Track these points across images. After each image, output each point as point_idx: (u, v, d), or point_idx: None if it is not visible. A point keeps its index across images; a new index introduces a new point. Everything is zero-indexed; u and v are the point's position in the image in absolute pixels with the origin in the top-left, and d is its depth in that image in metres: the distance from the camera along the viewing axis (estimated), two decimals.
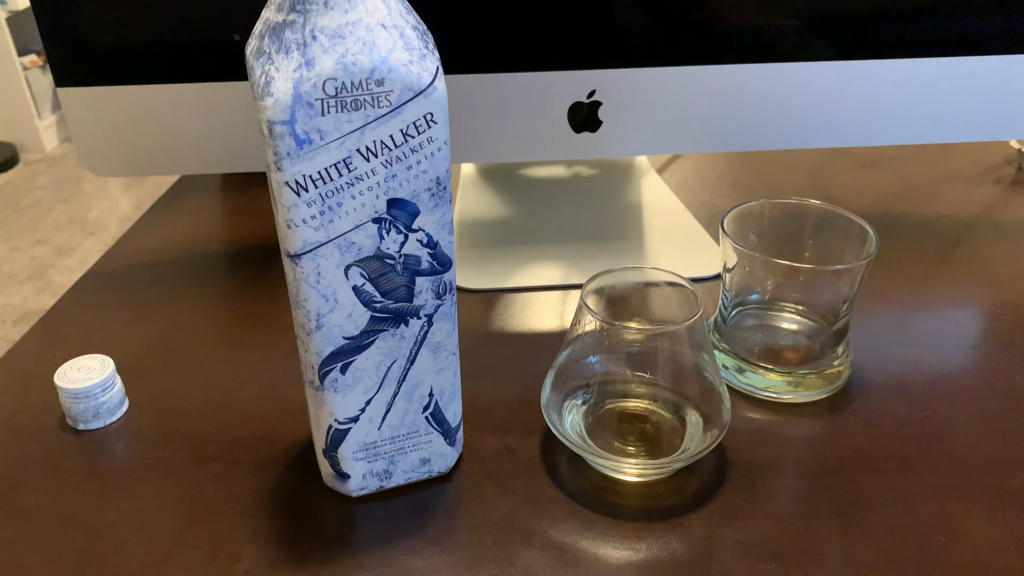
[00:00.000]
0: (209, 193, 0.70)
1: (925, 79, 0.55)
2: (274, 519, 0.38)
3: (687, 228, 0.61)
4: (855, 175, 0.71)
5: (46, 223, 2.39)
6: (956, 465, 0.41)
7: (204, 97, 0.52)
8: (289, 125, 0.29)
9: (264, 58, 0.29)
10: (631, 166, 0.71)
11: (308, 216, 0.31)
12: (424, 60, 0.30)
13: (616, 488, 0.39)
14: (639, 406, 0.41)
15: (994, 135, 0.58)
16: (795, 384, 0.44)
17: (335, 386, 0.35)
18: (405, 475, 0.39)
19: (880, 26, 0.53)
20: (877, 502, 0.39)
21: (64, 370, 0.43)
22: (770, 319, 0.46)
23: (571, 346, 0.40)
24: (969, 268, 0.57)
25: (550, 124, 0.55)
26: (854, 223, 0.44)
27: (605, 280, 0.41)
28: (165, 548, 0.37)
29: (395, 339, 0.35)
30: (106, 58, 0.50)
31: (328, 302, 0.33)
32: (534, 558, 0.36)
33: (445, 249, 0.34)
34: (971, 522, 0.37)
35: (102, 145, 0.53)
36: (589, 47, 0.52)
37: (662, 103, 0.54)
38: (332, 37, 0.28)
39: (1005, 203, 0.66)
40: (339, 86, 0.29)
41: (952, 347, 0.49)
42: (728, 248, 0.44)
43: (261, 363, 0.49)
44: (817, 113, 0.56)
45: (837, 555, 0.36)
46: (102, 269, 0.59)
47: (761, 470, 0.40)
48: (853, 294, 0.43)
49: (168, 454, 0.42)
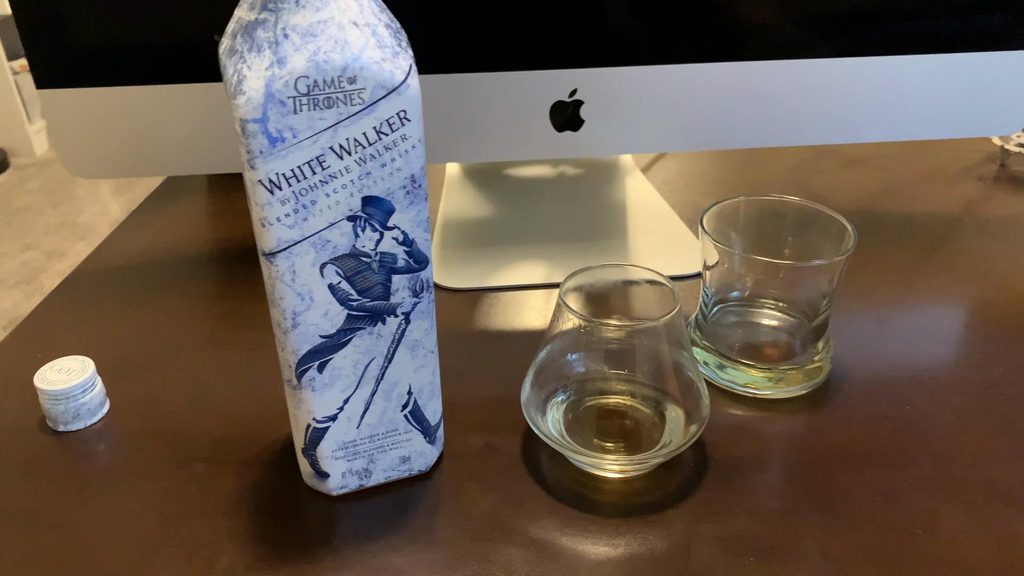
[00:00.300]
0: (195, 195, 0.70)
1: (907, 76, 0.55)
2: (254, 518, 0.38)
3: (671, 227, 0.62)
4: (839, 173, 0.72)
5: (36, 228, 2.38)
6: (935, 459, 0.41)
7: (185, 98, 0.52)
8: (261, 123, 0.29)
9: (236, 57, 0.29)
10: (616, 165, 0.71)
11: (282, 214, 0.31)
12: (397, 58, 0.30)
13: (597, 485, 0.39)
14: (619, 403, 0.41)
15: (976, 132, 0.58)
16: (776, 380, 0.45)
17: (312, 385, 0.35)
18: (385, 473, 0.39)
19: (862, 24, 0.53)
20: (856, 496, 0.39)
21: (44, 372, 0.43)
22: (751, 316, 0.46)
23: (550, 344, 0.40)
24: (951, 264, 0.57)
25: (532, 123, 0.55)
26: (833, 219, 0.44)
27: (584, 278, 0.41)
28: (145, 548, 0.37)
29: (372, 337, 0.35)
30: (87, 59, 0.50)
31: (304, 300, 0.33)
32: (513, 555, 0.36)
33: (421, 247, 0.34)
34: (949, 515, 0.38)
35: (84, 147, 0.53)
36: (571, 46, 0.52)
37: (644, 102, 0.54)
38: (304, 35, 0.29)
39: (987, 199, 0.67)
40: (311, 84, 0.29)
41: (933, 343, 0.49)
42: (708, 245, 0.44)
43: (244, 363, 0.49)
44: (800, 111, 0.56)
45: (815, 549, 0.36)
46: (86, 271, 0.59)
47: (741, 466, 0.41)
48: (832, 290, 0.43)
49: (149, 455, 0.42)
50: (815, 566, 0.35)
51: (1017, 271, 0.56)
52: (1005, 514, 0.38)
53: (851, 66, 0.54)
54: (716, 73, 0.54)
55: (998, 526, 0.37)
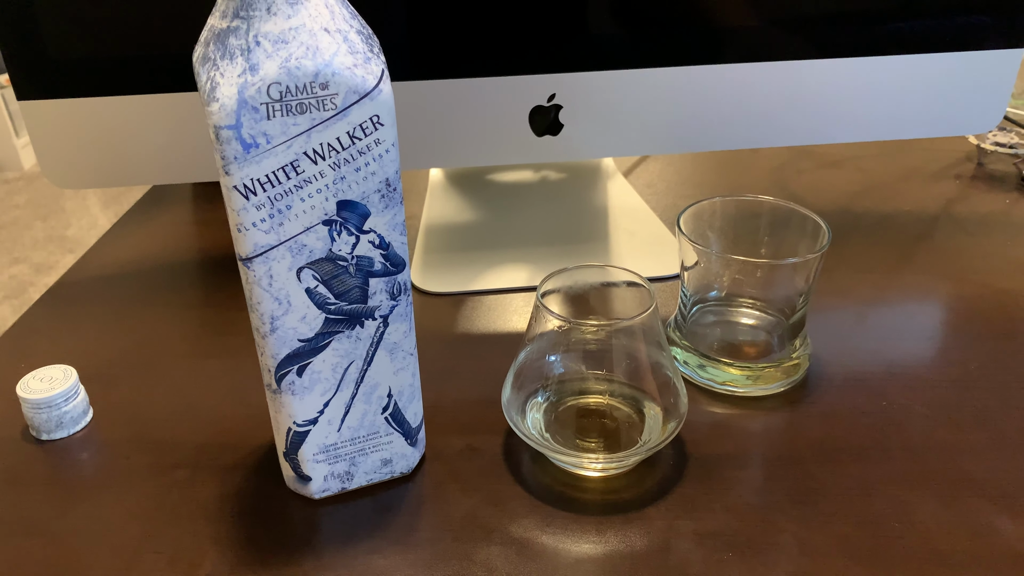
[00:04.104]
0: (179, 204, 0.70)
1: (884, 77, 0.56)
2: (237, 523, 0.38)
3: (652, 229, 0.62)
4: (818, 174, 0.72)
5: (24, 241, 2.37)
6: (911, 453, 0.41)
7: (166, 107, 0.52)
8: (235, 129, 0.29)
9: (209, 64, 0.30)
10: (598, 169, 0.72)
11: (258, 219, 0.31)
12: (369, 63, 0.31)
13: (578, 484, 0.40)
14: (598, 402, 0.41)
15: (953, 131, 0.59)
16: (754, 378, 0.45)
17: (292, 388, 0.35)
18: (367, 476, 0.39)
19: (839, 25, 0.54)
20: (833, 491, 0.39)
21: (26, 381, 0.43)
22: (729, 315, 0.47)
23: (529, 346, 0.40)
24: (929, 262, 0.58)
25: (512, 128, 0.55)
26: (807, 218, 0.45)
27: (562, 280, 0.41)
28: (127, 554, 0.37)
29: (351, 341, 0.35)
30: (67, 71, 0.50)
31: (281, 305, 0.33)
32: (494, 554, 0.36)
33: (398, 250, 0.34)
34: (924, 508, 0.38)
35: (66, 157, 0.53)
36: (549, 51, 0.53)
37: (622, 105, 0.55)
38: (275, 42, 0.29)
39: (964, 198, 0.67)
40: (283, 90, 0.29)
41: (909, 339, 0.50)
42: (685, 246, 0.44)
43: (227, 370, 0.49)
44: (779, 112, 0.57)
45: (793, 544, 0.36)
46: (70, 280, 0.59)
47: (720, 463, 0.41)
48: (808, 287, 0.43)
49: (132, 462, 0.42)
50: (792, 560, 0.36)
51: (993, 268, 0.57)
52: (980, 506, 0.38)
53: (829, 67, 0.55)
54: (694, 76, 0.55)
55: (973, 518, 0.38)
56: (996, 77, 0.57)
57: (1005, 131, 0.76)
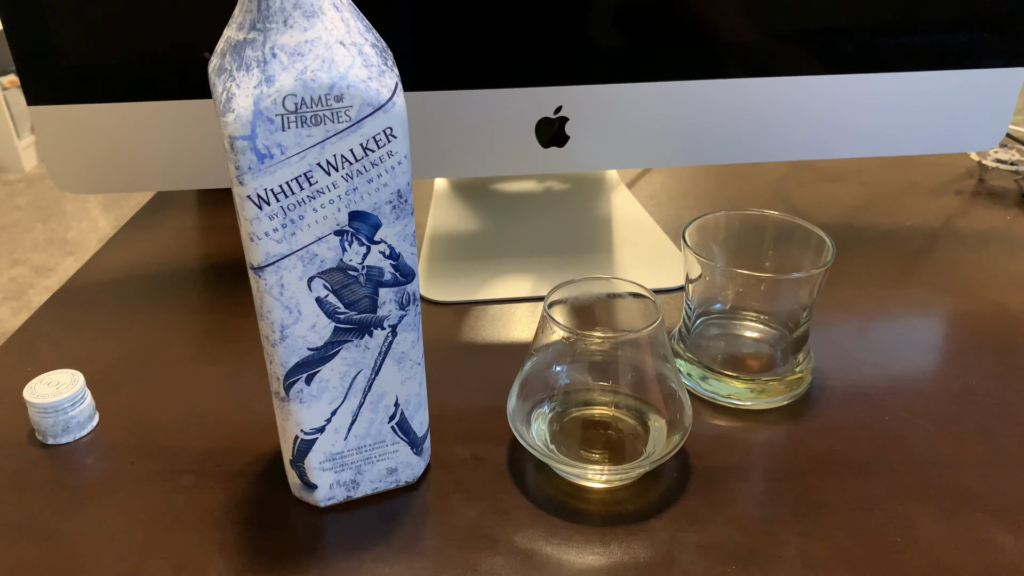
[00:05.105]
0: (184, 210, 0.70)
1: (887, 93, 0.57)
2: (242, 530, 0.38)
3: (655, 241, 0.62)
4: (820, 187, 0.73)
5: (25, 243, 2.37)
6: (912, 467, 0.42)
7: (175, 114, 0.52)
8: (250, 140, 0.29)
9: (225, 75, 0.30)
10: (602, 180, 0.72)
11: (270, 229, 0.31)
12: (383, 76, 0.31)
13: (582, 495, 0.40)
14: (603, 414, 0.41)
15: (955, 147, 0.60)
16: (758, 391, 0.45)
17: (300, 397, 0.35)
18: (372, 485, 0.40)
19: (843, 42, 0.54)
20: (835, 505, 0.39)
21: (33, 385, 0.43)
22: (732, 328, 0.47)
23: (535, 356, 0.40)
24: (930, 277, 0.58)
25: (518, 139, 0.56)
26: (812, 233, 0.45)
27: (568, 291, 0.42)
28: (132, 560, 0.37)
29: (359, 350, 0.35)
30: (77, 76, 0.51)
31: (292, 313, 0.33)
32: (498, 564, 0.36)
33: (408, 260, 0.35)
34: (926, 522, 0.38)
35: (74, 162, 0.53)
36: (556, 64, 0.53)
37: (628, 118, 0.55)
38: (291, 55, 0.29)
39: (965, 214, 0.68)
40: (299, 102, 0.29)
41: (911, 353, 0.50)
42: (690, 259, 0.45)
43: (232, 376, 0.49)
44: (782, 127, 0.57)
45: (795, 557, 0.37)
46: (75, 285, 0.59)
47: (723, 475, 0.41)
48: (812, 302, 0.44)
49: (138, 467, 0.42)
50: (795, 573, 0.36)
51: (994, 282, 0.58)
52: (981, 520, 0.38)
53: (832, 83, 0.56)
54: (699, 90, 0.55)
55: (975, 532, 0.38)
56: (999, 95, 0.58)
57: (1006, 148, 0.77)
